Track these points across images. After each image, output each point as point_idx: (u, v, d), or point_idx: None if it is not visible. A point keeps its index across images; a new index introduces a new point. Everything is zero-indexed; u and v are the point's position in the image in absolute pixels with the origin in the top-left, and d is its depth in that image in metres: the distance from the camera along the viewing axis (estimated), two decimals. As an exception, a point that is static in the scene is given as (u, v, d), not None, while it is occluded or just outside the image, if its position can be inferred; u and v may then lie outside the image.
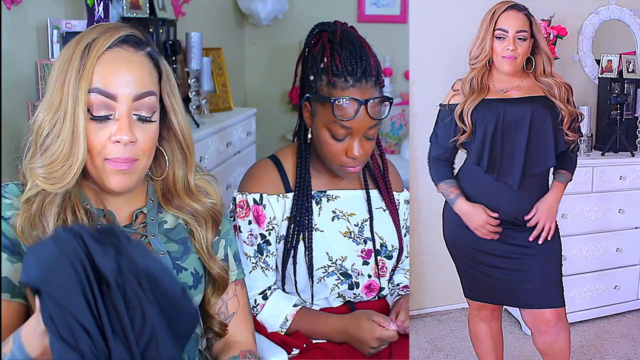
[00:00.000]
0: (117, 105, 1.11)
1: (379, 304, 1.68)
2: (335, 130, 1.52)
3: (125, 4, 2.47)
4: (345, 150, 1.53)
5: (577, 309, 2.74)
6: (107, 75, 1.10)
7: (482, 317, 1.95)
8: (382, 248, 1.66)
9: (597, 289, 2.77)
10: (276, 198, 1.62)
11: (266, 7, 3.96)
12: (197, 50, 2.78)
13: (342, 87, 1.50)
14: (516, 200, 1.74)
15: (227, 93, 3.36)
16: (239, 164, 3.13)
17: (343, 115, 1.49)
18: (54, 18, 1.98)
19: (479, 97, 1.74)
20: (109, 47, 1.12)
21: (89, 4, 2.05)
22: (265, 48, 4.34)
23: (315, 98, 1.55)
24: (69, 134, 1.09)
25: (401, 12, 4.18)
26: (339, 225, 1.64)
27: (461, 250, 1.84)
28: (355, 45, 1.53)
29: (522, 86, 1.77)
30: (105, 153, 1.11)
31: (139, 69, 1.13)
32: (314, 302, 1.64)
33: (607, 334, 2.71)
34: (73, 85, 1.09)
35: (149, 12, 2.60)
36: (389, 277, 1.72)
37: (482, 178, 1.76)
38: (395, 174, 1.79)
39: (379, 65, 1.56)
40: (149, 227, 1.22)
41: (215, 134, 2.79)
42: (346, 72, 1.50)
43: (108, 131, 1.11)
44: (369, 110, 1.50)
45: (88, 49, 1.10)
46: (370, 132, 1.53)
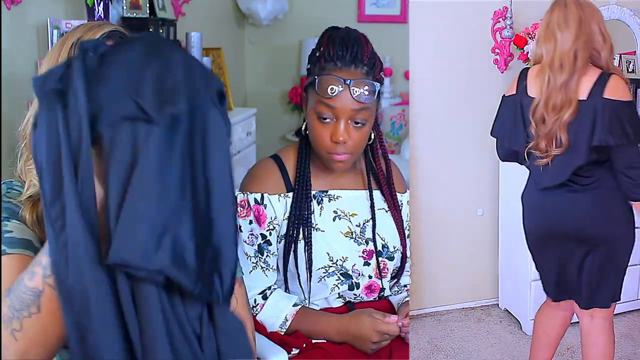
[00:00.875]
0: None
1: (379, 305, 1.68)
2: (320, 110, 1.54)
3: (125, 4, 2.48)
4: (331, 134, 1.54)
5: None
6: None
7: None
8: (384, 249, 1.66)
9: None
10: (277, 198, 1.62)
11: (266, 7, 3.96)
12: (197, 50, 2.79)
13: (331, 69, 1.53)
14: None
15: (227, 93, 3.37)
16: (239, 164, 3.13)
17: (326, 92, 1.52)
18: (54, 18, 1.98)
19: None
20: None
21: (89, 4, 2.06)
22: (265, 48, 4.34)
23: (307, 84, 1.59)
24: None
25: (401, 12, 4.18)
26: (340, 226, 1.64)
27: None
28: (352, 36, 1.57)
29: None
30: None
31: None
32: (314, 301, 1.64)
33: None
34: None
35: (149, 12, 2.61)
36: (395, 279, 1.71)
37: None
38: (398, 174, 1.79)
39: (375, 58, 1.58)
40: None
41: (215, 134, 2.79)
42: (336, 57, 1.54)
43: None
44: (352, 90, 1.51)
45: (74, 48, 1.10)
46: (357, 117, 1.53)
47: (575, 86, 1.75)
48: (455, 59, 2.78)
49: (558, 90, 1.76)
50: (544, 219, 1.93)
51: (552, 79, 1.77)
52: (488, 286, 3.02)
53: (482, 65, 2.80)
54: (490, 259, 2.98)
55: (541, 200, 1.92)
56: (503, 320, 2.53)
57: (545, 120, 1.80)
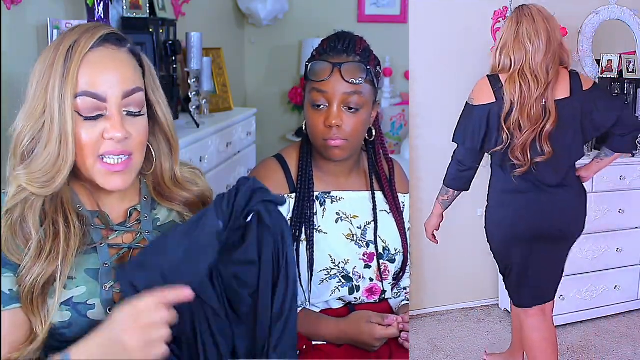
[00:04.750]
0: (107, 105, 1.11)
1: (380, 307, 1.67)
2: (313, 97, 1.55)
3: (125, 4, 2.48)
4: (324, 119, 1.55)
5: (578, 308, 2.75)
6: (93, 76, 1.10)
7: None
8: (385, 251, 1.66)
9: (598, 289, 2.77)
10: (280, 198, 1.62)
11: (266, 7, 3.96)
12: (197, 50, 2.78)
13: (323, 58, 1.57)
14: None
15: (227, 93, 3.36)
16: (239, 164, 3.13)
17: (317, 76, 1.54)
18: (54, 18, 1.98)
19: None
20: (91, 48, 1.11)
21: (89, 4, 2.05)
22: (265, 48, 4.34)
23: (303, 76, 1.62)
24: (57, 138, 1.08)
25: (401, 12, 4.18)
26: (342, 228, 1.64)
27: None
28: (347, 33, 1.61)
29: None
30: (99, 150, 1.12)
31: (124, 66, 1.14)
32: (314, 303, 1.64)
33: (607, 334, 2.71)
34: (58, 90, 1.08)
35: (149, 12, 2.61)
36: (396, 282, 1.71)
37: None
38: (402, 175, 1.79)
39: (370, 52, 1.60)
40: (143, 224, 1.23)
41: (215, 134, 2.79)
42: (329, 49, 1.57)
43: (100, 128, 1.11)
44: (343, 72, 1.52)
45: (70, 51, 1.09)
46: (350, 102, 1.54)
47: (551, 95, 1.89)
48: (455, 59, 2.78)
49: (534, 102, 1.87)
50: (540, 218, 1.95)
51: (524, 89, 1.88)
52: (488, 286, 3.02)
53: (482, 65, 2.79)
54: (490, 259, 2.97)
55: (535, 200, 1.93)
56: (503, 320, 2.54)
57: (521, 128, 1.89)
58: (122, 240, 1.20)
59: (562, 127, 1.91)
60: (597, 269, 2.75)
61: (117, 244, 1.19)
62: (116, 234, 1.20)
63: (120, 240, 1.20)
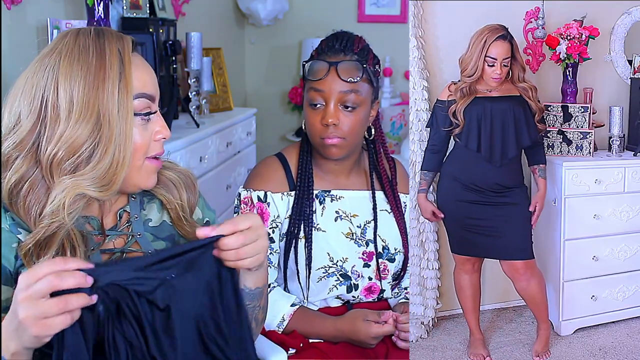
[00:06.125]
0: (153, 105, 1.15)
1: (379, 306, 1.67)
2: (310, 97, 1.56)
3: (125, 4, 2.48)
4: (321, 118, 1.55)
5: (610, 309, 2.71)
6: (143, 78, 1.14)
7: (465, 269, 2.31)
8: (384, 251, 1.66)
9: (630, 289, 2.74)
10: (280, 196, 1.62)
11: (266, 7, 3.97)
12: (197, 50, 2.79)
13: (320, 57, 1.58)
14: (497, 173, 2.18)
15: (227, 93, 3.37)
16: (239, 164, 3.13)
17: (314, 75, 1.55)
18: (54, 18, 1.98)
19: (469, 99, 2.16)
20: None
21: (89, 4, 2.06)
22: (265, 48, 4.34)
23: (302, 77, 1.63)
24: (117, 140, 1.09)
25: (401, 12, 4.18)
26: (342, 226, 1.64)
27: (452, 216, 2.25)
28: (345, 33, 1.62)
29: (501, 88, 2.22)
30: (149, 151, 1.15)
31: (151, 68, 1.19)
32: (312, 301, 1.64)
33: (639, 334, 2.68)
34: (115, 94, 1.09)
35: (149, 12, 2.61)
36: (396, 282, 1.71)
37: (469, 158, 2.18)
38: (403, 175, 1.79)
39: (369, 51, 1.61)
40: (134, 226, 1.21)
41: (215, 134, 2.80)
42: (327, 48, 1.58)
43: (151, 130, 1.15)
44: (339, 71, 1.52)
45: (119, 55, 1.11)
46: (347, 100, 1.54)
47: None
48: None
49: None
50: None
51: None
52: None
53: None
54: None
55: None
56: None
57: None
58: (113, 245, 1.18)
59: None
60: (629, 269, 2.72)
61: (109, 249, 1.17)
62: (108, 239, 1.18)
63: (112, 245, 1.18)
